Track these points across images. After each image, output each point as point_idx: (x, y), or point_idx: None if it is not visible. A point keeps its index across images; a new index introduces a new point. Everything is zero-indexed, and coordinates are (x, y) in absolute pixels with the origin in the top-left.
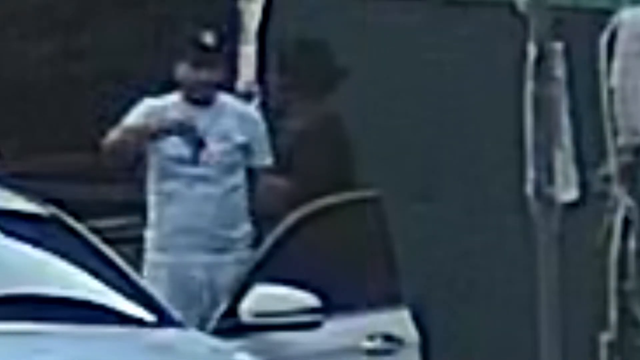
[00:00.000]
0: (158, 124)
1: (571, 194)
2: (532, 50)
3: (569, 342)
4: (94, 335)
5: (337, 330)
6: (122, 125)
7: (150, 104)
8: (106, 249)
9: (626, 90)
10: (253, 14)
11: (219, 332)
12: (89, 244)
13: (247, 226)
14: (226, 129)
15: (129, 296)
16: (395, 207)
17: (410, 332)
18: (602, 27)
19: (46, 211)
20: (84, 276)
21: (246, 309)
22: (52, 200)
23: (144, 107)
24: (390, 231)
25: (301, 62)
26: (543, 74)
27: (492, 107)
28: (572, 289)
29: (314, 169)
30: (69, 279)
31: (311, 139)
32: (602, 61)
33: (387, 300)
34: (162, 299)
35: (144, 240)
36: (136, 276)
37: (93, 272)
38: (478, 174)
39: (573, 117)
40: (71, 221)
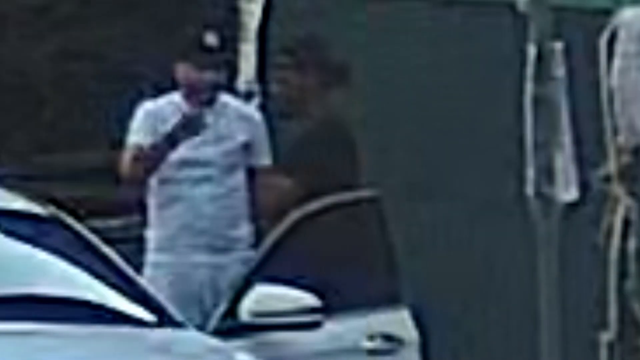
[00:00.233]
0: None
1: (571, 194)
2: (532, 50)
3: (569, 342)
4: (94, 335)
5: (337, 330)
6: (129, 144)
7: (149, 107)
8: (106, 249)
9: (626, 90)
10: (253, 13)
11: (219, 332)
12: (89, 244)
13: (248, 226)
14: (228, 129)
15: (129, 296)
16: (395, 207)
17: (410, 332)
18: (602, 27)
19: (46, 211)
20: (84, 276)
21: (246, 309)
22: (52, 200)
23: (143, 112)
24: (390, 231)
25: (302, 62)
26: (543, 74)
27: (492, 107)
28: (572, 289)
29: (316, 168)
30: (69, 279)
31: (314, 138)
32: (602, 61)
33: (387, 300)
34: (162, 299)
35: (144, 240)
36: (136, 276)
37: (93, 272)
38: (478, 174)
39: (573, 117)
40: (71, 221)
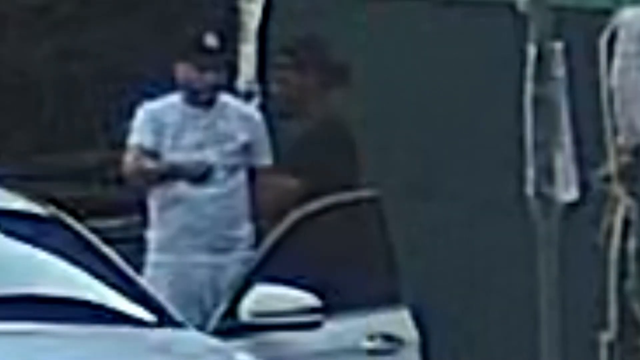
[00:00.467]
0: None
1: (571, 194)
2: (532, 50)
3: (569, 342)
4: (94, 335)
5: (337, 330)
6: (131, 144)
7: (149, 108)
8: (106, 249)
9: (626, 90)
10: (253, 13)
11: (219, 332)
12: (89, 244)
13: (249, 226)
14: (229, 129)
15: (129, 296)
16: (395, 207)
17: (410, 332)
18: (602, 27)
19: (46, 211)
20: (84, 276)
21: (246, 309)
22: (52, 200)
23: (144, 113)
24: (390, 231)
25: (302, 62)
26: (543, 74)
27: (492, 107)
28: (572, 289)
29: (316, 168)
30: (69, 279)
31: (314, 138)
32: (602, 61)
33: (387, 300)
34: (162, 299)
35: (145, 241)
36: (136, 276)
37: (93, 272)
38: (478, 174)
39: (573, 117)
40: (71, 221)
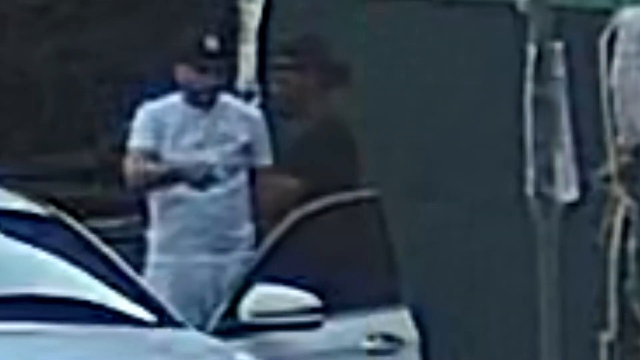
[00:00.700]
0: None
1: (571, 194)
2: (532, 50)
3: (569, 342)
4: (94, 335)
5: (337, 330)
6: (132, 146)
7: (150, 108)
8: (106, 249)
9: (626, 90)
10: (253, 13)
11: (219, 332)
12: (89, 244)
13: (250, 226)
14: (229, 129)
15: (129, 296)
16: (395, 207)
17: (410, 332)
18: (602, 27)
19: (46, 211)
20: (84, 276)
21: (246, 309)
22: (52, 200)
23: (144, 114)
24: (390, 231)
25: (303, 62)
26: (543, 74)
27: (492, 107)
28: (572, 289)
29: (316, 168)
30: (69, 279)
31: (314, 138)
32: (602, 61)
33: (387, 300)
34: (163, 299)
35: (145, 241)
36: (136, 276)
37: (93, 272)
38: (478, 174)
39: (573, 117)
40: (71, 221)
